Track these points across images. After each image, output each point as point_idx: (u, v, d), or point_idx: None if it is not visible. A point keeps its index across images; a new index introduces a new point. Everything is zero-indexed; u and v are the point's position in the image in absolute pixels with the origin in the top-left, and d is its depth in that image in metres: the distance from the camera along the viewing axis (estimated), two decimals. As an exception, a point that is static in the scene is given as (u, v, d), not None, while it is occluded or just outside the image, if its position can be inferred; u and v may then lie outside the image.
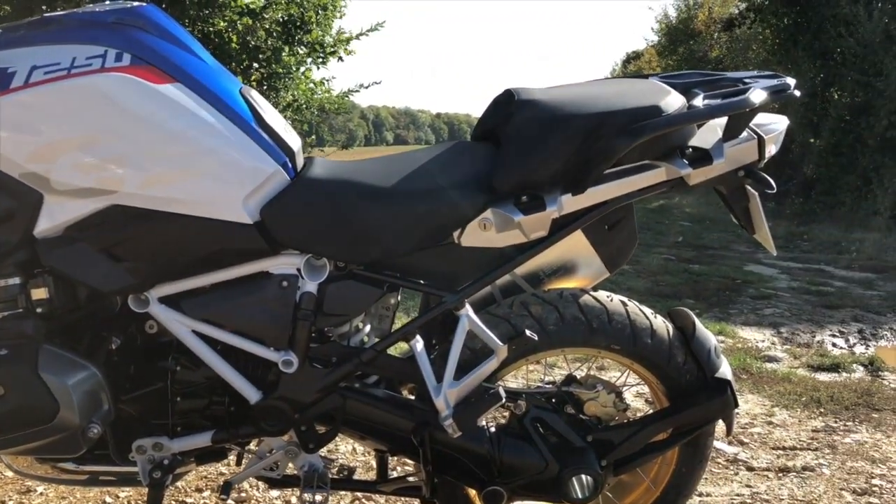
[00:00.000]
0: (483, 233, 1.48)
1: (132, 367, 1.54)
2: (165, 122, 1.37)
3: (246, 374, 1.54)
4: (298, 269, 1.50)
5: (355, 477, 1.74)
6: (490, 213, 1.46)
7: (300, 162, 1.54)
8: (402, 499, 2.12)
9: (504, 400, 1.51)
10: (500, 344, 1.50)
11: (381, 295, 1.55)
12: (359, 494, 2.15)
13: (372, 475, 2.22)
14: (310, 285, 1.50)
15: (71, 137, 1.32)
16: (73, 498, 2.13)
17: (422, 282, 1.56)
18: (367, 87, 6.88)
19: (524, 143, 1.46)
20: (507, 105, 1.53)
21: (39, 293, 1.40)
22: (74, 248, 1.39)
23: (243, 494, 2.16)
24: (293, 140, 1.53)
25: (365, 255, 1.50)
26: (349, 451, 2.48)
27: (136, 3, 1.47)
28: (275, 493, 2.17)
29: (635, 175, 1.50)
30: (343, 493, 2.14)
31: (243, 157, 1.42)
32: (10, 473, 2.21)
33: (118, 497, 2.14)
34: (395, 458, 2.01)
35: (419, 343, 1.53)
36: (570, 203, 1.48)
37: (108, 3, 1.50)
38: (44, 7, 4.80)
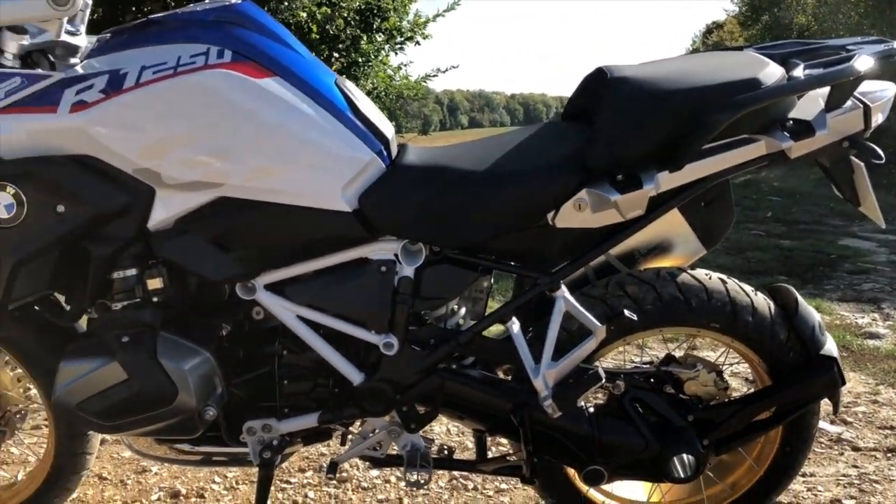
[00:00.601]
0: (578, 213, 1.47)
1: (241, 352, 1.60)
2: (267, 116, 1.41)
3: (348, 357, 1.59)
4: (396, 255, 1.54)
5: (455, 457, 1.76)
6: (585, 193, 1.46)
7: (394, 149, 1.57)
8: (499, 478, 2.16)
9: (604, 380, 1.52)
10: (599, 325, 1.50)
11: (476, 278, 1.58)
12: (456, 474, 2.20)
13: (469, 455, 2.26)
14: (407, 270, 1.53)
15: (179, 133, 1.38)
16: (185, 477, 2.24)
17: (516, 264, 1.57)
18: (444, 72, 6.90)
19: (619, 121, 1.45)
20: (599, 83, 1.52)
21: (155, 283, 1.47)
22: (185, 239, 1.45)
23: (345, 474, 2.23)
24: (387, 128, 1.56)
25: (460, 239, 1.52)
26: (443, 433, 2.52)
27: (233, 1, 1.52)
28: (374, 472, 2.23)
29: (734, 150, 1.47)
30: (441, 472, 2.19)
31: (341, 147, 1.46)
32: (127, 454, 2.34)
33: (227, 477, 2.23)
34: (491, 438, 2.04)
35: (515, 325, 1.54)
36: (668, 181, 1.46)
37: (206, 1, 1.55)
38: (132, 9, 4.98)
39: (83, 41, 1.49)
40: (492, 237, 1.52)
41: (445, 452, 1.74)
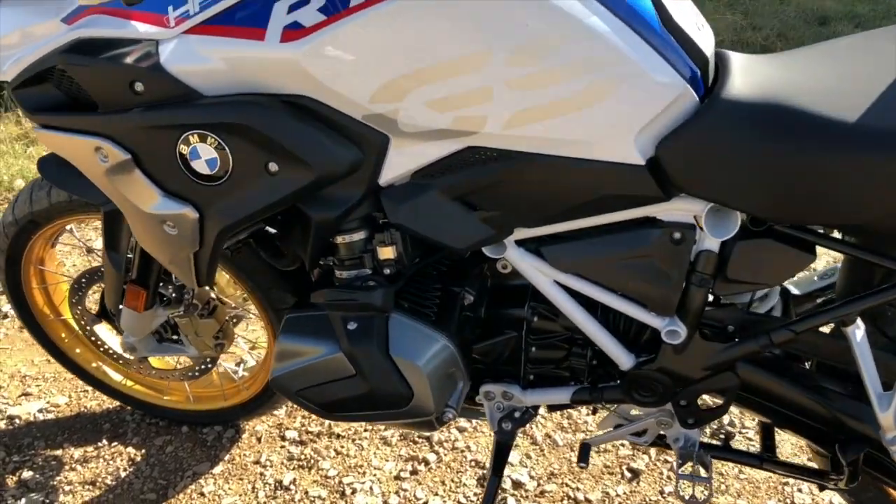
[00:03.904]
0: None
1: (482, 311, 1.31)
2: (546, 39, 0.98)
3: (617, 335, 1.25)
4: (696, 219, 1.12)
5: (736, 445, 1.43)
6: None
7: (712, 69, 1.10)
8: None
9: None
10: None
11: (811, 262, 1.14)
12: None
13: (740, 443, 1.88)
14: (710, 241, 1.12)
15: (427, 67, 0.98)
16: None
17: (875, 252, 1.11)
18: None
19: None
20: None
21: (387, 252, 1.16)
22: (423, 198, 1.10)
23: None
24: (706, 40, 1.08)
25: (806, 217, 1.06)
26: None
27: None
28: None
29: None
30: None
31: (643, 78, 1.00)
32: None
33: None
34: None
35: (860, 331, 1.12)
36: None
37: None
38: None
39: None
40: (859, 217, 1.04)
41: (722, 436, 1.41)
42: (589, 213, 1.14)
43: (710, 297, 1.20)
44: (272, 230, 1.29)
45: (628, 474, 1.73)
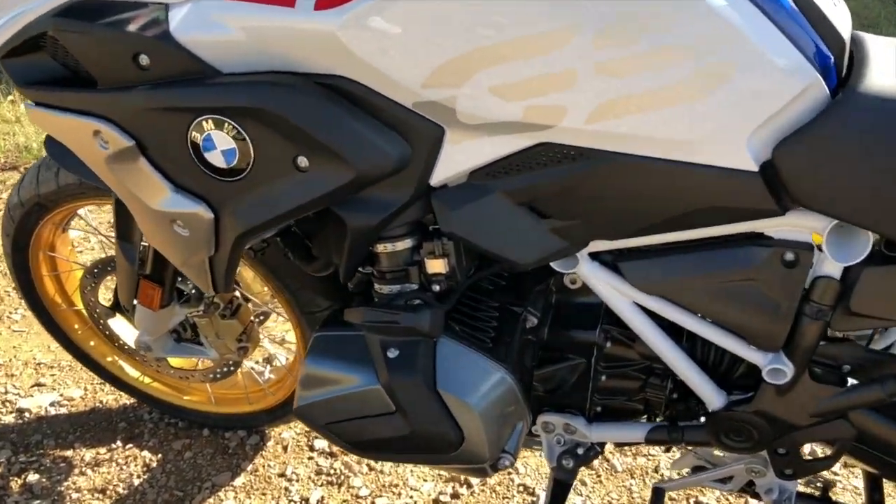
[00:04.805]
0: None
1: (545, 332, 1.12)
2: (645, 14, 0.77)
3: (705, 368, 1.06)
4: (815, 238, 0.91)
5: (836, 497, 1.22)
6: None
7: (846, 58, 0.88)
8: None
9: None
10: None
11: (962, 295, 0.92)
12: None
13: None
14: (831, 266, 0.91)
15: (493, 44, 0.79)
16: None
17: None
18: None
19: None
20: None
21: (436, 266, 0.97)
22: (483, 203, 0.91)
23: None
24: (843, 21, 0.87)
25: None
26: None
27: None
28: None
29: None
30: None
31: (764, 65, 0.79)
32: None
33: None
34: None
35: None
36: None
37: None
38: None
39: None
40: None
41: (819, 486, 1.21)
42: (684, 227, 0.94)
43: (828, 332, 0.99)
44: (301, 231, 1.11)
45: (696, 509, 1.54)
